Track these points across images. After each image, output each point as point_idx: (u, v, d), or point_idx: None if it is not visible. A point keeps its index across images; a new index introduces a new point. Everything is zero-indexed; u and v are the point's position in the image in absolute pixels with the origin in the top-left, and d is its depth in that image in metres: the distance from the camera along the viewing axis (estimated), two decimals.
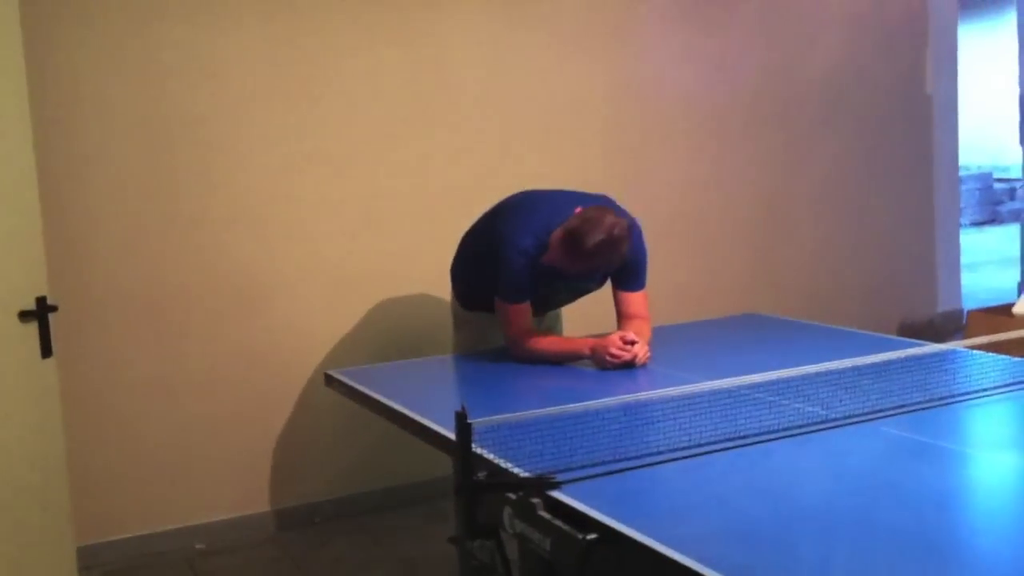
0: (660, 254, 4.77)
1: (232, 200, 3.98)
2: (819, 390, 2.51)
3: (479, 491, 1.95)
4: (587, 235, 2.87)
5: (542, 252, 3.02)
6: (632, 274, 3.18)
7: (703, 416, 2.33)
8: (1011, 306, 4.58)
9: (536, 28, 4.55)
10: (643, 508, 1.86)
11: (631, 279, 3.18)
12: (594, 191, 3.33)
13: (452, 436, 2.02)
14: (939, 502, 1.85)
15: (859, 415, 2.32)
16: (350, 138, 4.17)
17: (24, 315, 2.67)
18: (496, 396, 2.86)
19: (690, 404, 2.41)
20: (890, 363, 2.69)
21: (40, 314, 2.71)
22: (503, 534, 1.97)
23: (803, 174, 5.36)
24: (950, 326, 5.93)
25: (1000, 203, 13.61)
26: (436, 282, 3.93)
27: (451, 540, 3.39)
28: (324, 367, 3.82)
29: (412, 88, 4.28)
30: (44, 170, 2.91)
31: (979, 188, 13.44)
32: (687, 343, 3.40)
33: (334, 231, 4.16)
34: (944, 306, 6.01)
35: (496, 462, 2.08)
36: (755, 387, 2.52)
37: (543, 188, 3.36)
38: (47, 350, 2.75)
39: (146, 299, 3.86)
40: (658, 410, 2.41)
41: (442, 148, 4.36)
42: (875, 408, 2.36)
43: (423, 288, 4.26)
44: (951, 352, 2.97)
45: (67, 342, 3.49)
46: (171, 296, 3.90)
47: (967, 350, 2.94)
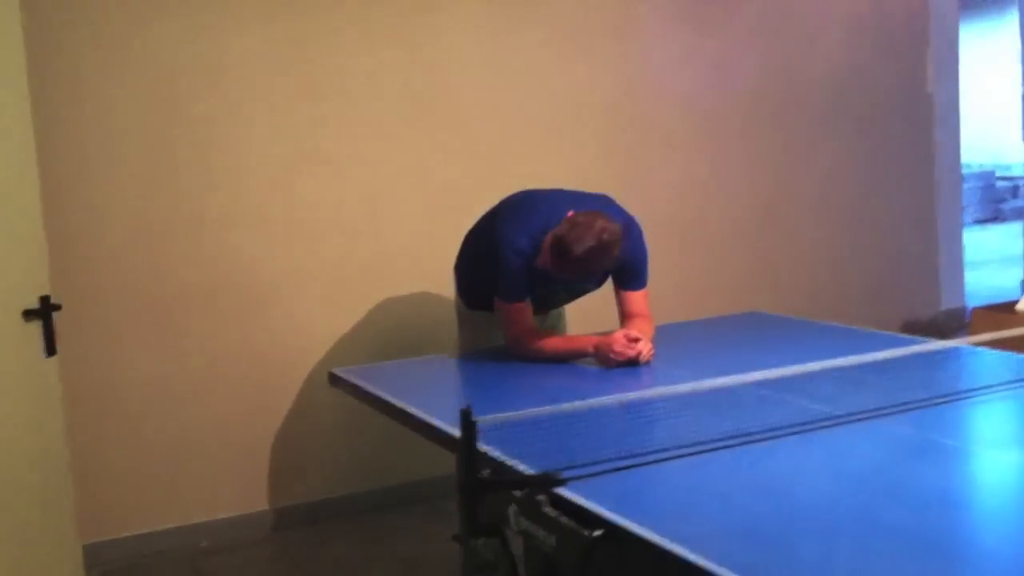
0: (663, 253, 4.79)
1: (234, 199, 3.98)
2: (822, 388, 2.51)
3: (483, 489, 1.95)
4: (575, 242, 2.85)
5: (538, 253, 3.01)
6: (633, 274, 3.17)
7: (706, 414, 2.33)
8: (1014, 304, 4.57)
9: (536, 29, 4.54)
10: (647, 505, 1.86)
11: (632, 278, 3.18)
12: (594, 191, 3.33)
13: (457, 434, 2.01)
14: (943, 500, 1.85)
15: (863, 413, 2.32)
16: (351, 138, 4.17)
17: (28, 314, 2.67)
18: (500, 394, 2.86)
19: (693, 402, 2.42)
20: (894, 360, 2.68)
21: (44, 313, 2.72)
22: (507, 531, 1.97)
23: (805, 173, 5.36)
24: (953, 324, 5.92)
25: (1003, 201, 13.59)
26: (438, 281, 3.93)
27: (454, 538, 3.39)
28: (326, 366, 3.82)
29: (413, 88, 4.28)
30: (47, 169, 2.91)
31: (981, 186, 13.41)
32: (690, 341, 3.40)
33: (336, 230, 4.17)
34: (947, 304, 6.01)
35: (501, 460, 2.09)
36: (758, 385, 2.52)
37: (544, 187, 3.36)
38: (51, 349, 2.75)
39: (148, 298, 3.87)
40: (662, 408, 2.41)
41: (443, 147, 4.36)
42: (879, 405, 2.36)
43: (424, 287, 4.26)
44: (955, 349, 2.97)
45: (70, 341, 3.49)
46: (173, 295, 3.90)
47: (971, 347, 2.94)
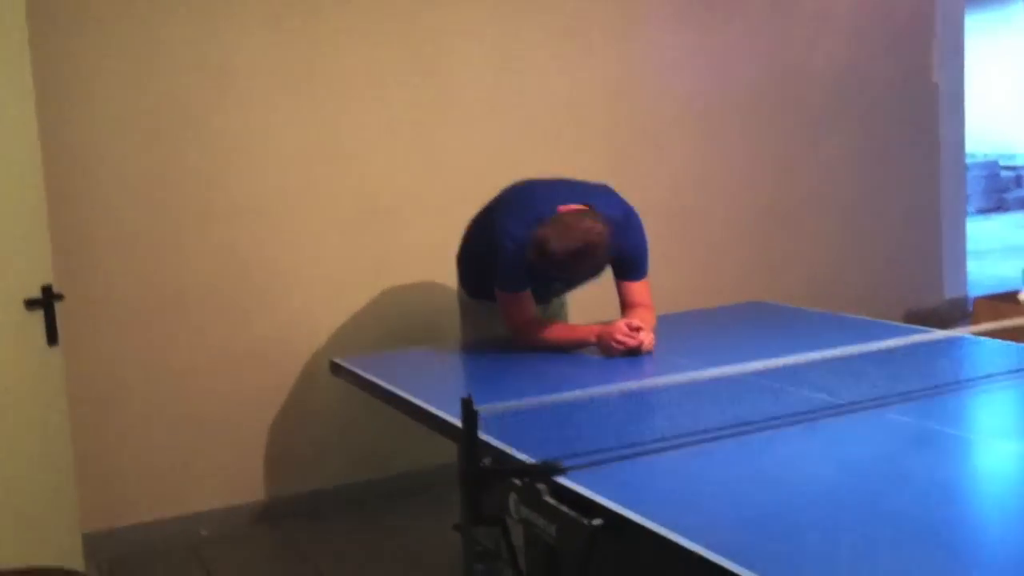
0: (665, 243, 4.79)
1: (237, 192, 3.97)
2: (824, 377, 2.50)
3: (485, 478, 1.95)
4: (557, 244, 2.83)
5: None
6: (633, 264, 3.16)
7: (708, 403, 2.33)
8: (1017, 293, 4.57)
9: (539, 26, 4.53)
10: (648, 495, 1.86)
11: (632, 269, 3.17)
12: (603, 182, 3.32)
13: (458, 423, 2.01)
14: (945, 489, 1.85)
15: (865, 402, 2.32)
16: (354, 133, 4.16)
17: (30, 303, 2.68)
18: (502, 383, 2.86)
19: (695, 391, 2.42)
20: (896, 350, 2.68)
21: (46, 302, 2.72)
22: (508, 520, 1.97)
23: (808, 163, 5.35)
24: (956, 313, 5.92)
25: (1006, 191, 13.56)
26: (440, 272, 3.93)
27: (456, 527, 3.42)
28: (328, 357, 3.79)
29: (415, 83, 4.27)
30: (50, 161, 2.91)
31: (985, 176, 13.37)
32: (692, 331, 3.39)
33: (338, 223, 4.16)
34: (950, 294, 6.00)
35: (502, 448, 2.09)
36: (760, 374, 2.52)
37: (541, 176, 3.35)
38: (52, 338, 2.76)
39: (151, 289, 3.86)
40: (663, 397, 2.41)
41: (445, 142, 4.35)
42: (881, 395, 2.36)
43: (427, 279, 4.26)
44: (957, 339, 2.97)
45: (72, 332, 3.48)
46: (176, 286, 3.90)
47: (973, 337, 2.94)
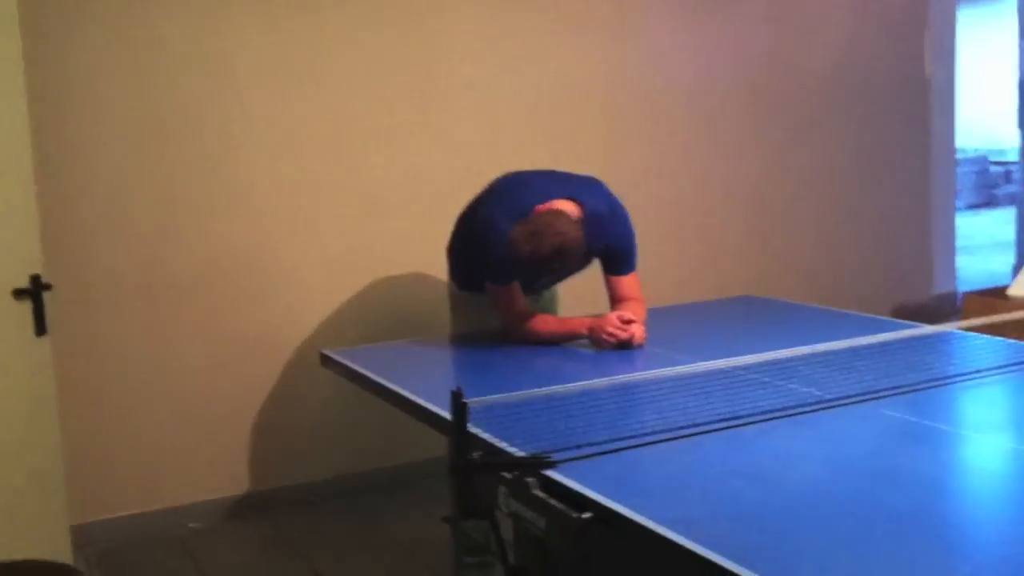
0: (659, 237, 4.81)
1: (227, 184, 3.96)
2: (815, 371, 2.51)
3: (474, 471, 1.95)
4: (526, 248, 2.83)
5: None
6: (620, 258, 3.16)
7: (699, 397, 2.33)
8: (1006, 288, 4.58)
9: (534, 13, 4.52)
10: (638, 488, 1.86)
11: (620, 263, 3.17)
12: (592, 174, 3.32)
13: (448, 416, 2.01)
14: (934, 483, 1.85)
15: (855, 396, 2.33)
16: (346, 124, 4.15)
17: (18, 293, 2.67)
18: (492, 376, 2.86)
19: (686, 385, 2.42)
20: (886, 344, 2.69)
21: (34, 292, 2.71)
22: (498, 514, 1.97)
23: (799, 157, 5.35)
24: (945, 309, 5.94)
25: (996, 186, 13.60)
26: (432, 264, 3.92)
27: (445, 519, 3.42)
28: (318, 349, 3.79)
29: (408, 73, 4.26)
30: (43, 154, 2.90)
31: (975, 171, 13.42)
32: (683, 324, 3.40)
33: (330, 215, 4.15)
34: (939, 289, 6.02)
35: (491, 442, 2.08)
36: (751, 368, 2.53)
37: (535, 169, 3.35)
38: (41, 328, 2.74)
39: (141, 281, 3.85)
40: (653, 391, 2.41)
41: (439, 132, 4.34)
42: (871, 389, 2.37)
43: (419, 271, 4.25)
44: (946, 334, 2.98)
45: (62, 323, 3.47)
46: (166, 278, 3.89)
47: (962, 332, 2.94)
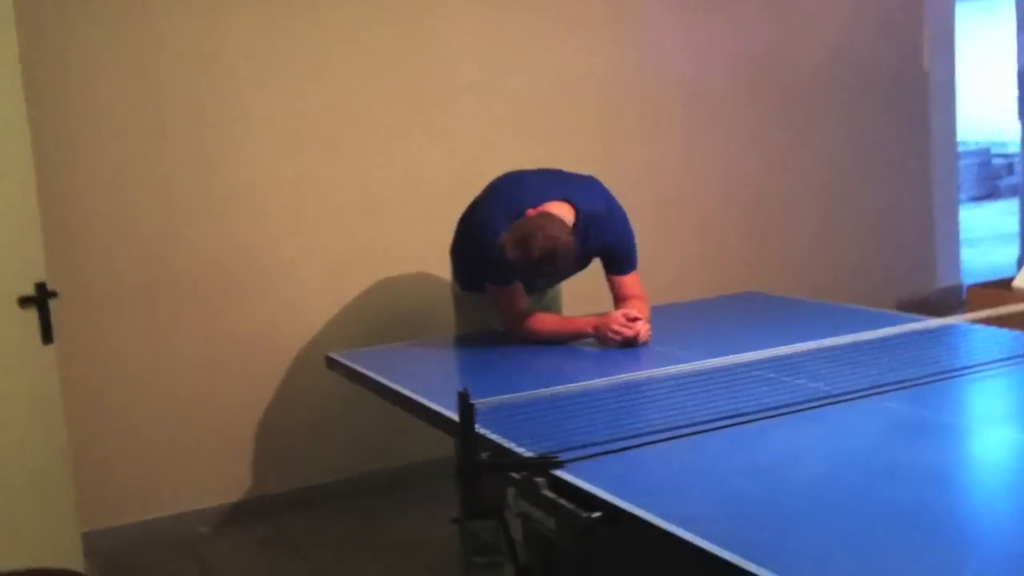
0: (660, 234, 4.81)
1: (229, 185, 3.96)
2: (819, 366, 2.51)
3: (482, 471, 1.95)
4: (515, 253, 2.82)
5: None
6: (620, 258, 3.17)
7: (703, 394, 2.34)
8: (1011, 280, 4.57)
9: (533, 11, 4.52)
10: (646, 486, 1.86)
11: (620, 262, 3.18)
12: (591, 173, 3.32)
13: (455, 417, 2.02)
14: (940, 477, 1.86)
15: (860, 391, 2.33)
16: (346, 122, 4.15)
17: (24, 301, 2.67)
18: (498, 377, 2.86)
19: (690, 382, 2.42)
20: (890, 338, 2.69)
21: (40, 300, 2.71)
22: (506, 514, 1.98)
23: (801, 152, 5.35)
24: (950, 302, 5.93)
25: (998, 178, 13.57)
26: (435, 264, 3.93)
27: (454, 521, 3.42)
28: (323, 350, 3.80)
29: (408, 71, 4.26)
30: (42, 156, 2.90)
31: (978, 163, 13.40)
32: (687, 321, 3.40)
33: (331, 215, 4.15)
34: (944, 282, 6.02)
35: (499, 442, 2.09)
36: (755, 364, 2.53)
37: (533, 168, 3.35)
38: (47, 336, 2.75)
39: (145, 285, 3.86)
40: (659, 389, 2.41)
41: (439, 130, 4.34)
42: (876, 384, 2.37)
43: (422, 270, 4.25)
44: (951, 327, 2.98)
45: (67, 329, 3.48)
46: (170, 281, 3.89)
47: (968, 324, 2.94)
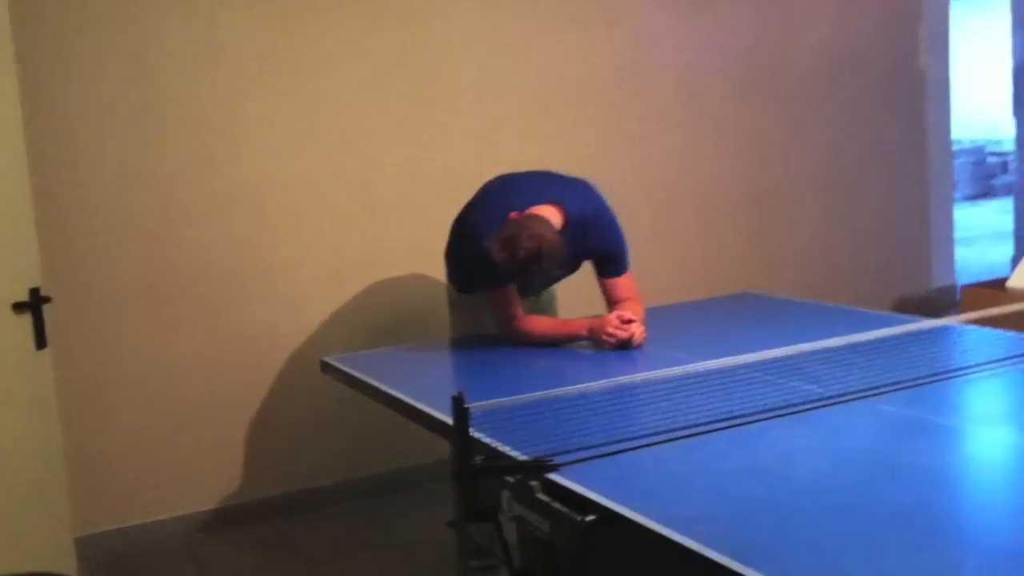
0: (655, 234, 4.82)
1: (225, 187, 3.96)
2: (815, 368, 2.52)
3: (477, 475, 1.95)
4: (504, 254, 2.83)
5: None
6: (611, 260, 3.17)
7: (699, 396, 2.34)
8: (1005, 280, 4.57)
9: (531, 8, 4.52)
10: (641, 489, 1.86)
11: (611, 266, 3.18)
12: (588, 173, 3.32)
13: (450, 421, 2.02)
14: (936, 478, 1.86)
15: (855, 392, 2.33)
16: (344, 121, 4.15)
17: (18, 307, 2.66)
18: (493, 380, 2.86)
19: (686, 384, 2.42)
20: (885, 340, 2.69)
21: (34, 305, 2.71)
22: (501, 517, 1.98)
23: (796, 151, 5.36)
24: (945, 301, 5.94)
25: (993, 177, 13.59)
26: (434, 264, 3.91)
27: (450, 524, 3.42)
28: (320, 353, 3.80)
29: (406, 71, 4.26)
30: (36, 160, 2.89)
31: (972, 162, 13.41)
32: (682, 323, 3.40)
33: (329, 216, 4.15)
34: (938, 282, 6.02)
35: (494, 446, 2.09)
36: (751, 366, 2.53)
37: (531, 169, 3.35)
38: (41, 342, 2.74)
39: (140, 288, 3.85)
40: (654, 391, 2.41)
41: (437, 130, 4.34)
42: (871, 385, 2.37)
43: (419, 272, 4.25)
44: (946, 328, 2.98)
45: (61, 333, 3.48)
46: (165, 284, 3.89)
47: (962, 325, 2.94)
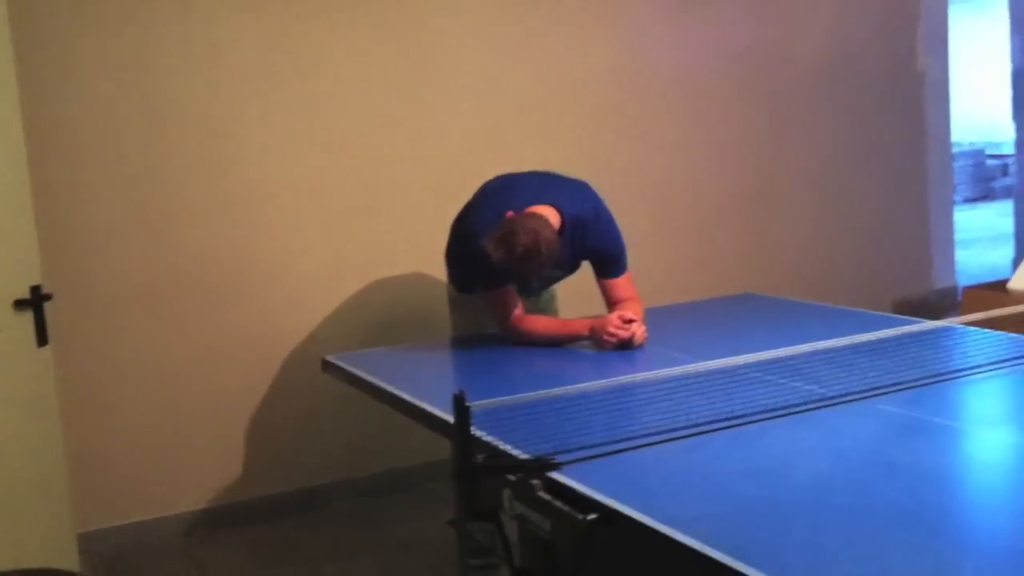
0: (655, 235, 4.82)
1: (225, 186, 3.97)
2: (815, 369, 2.52)
3: (478, 473, 1.96)
4: (500, 253, 2.83)
5: None
6: (609, 261, 3.17)
7: (700, 396, 2.34)
8: (1005, 282, 4.58)
9: (529, 10, 4.52)
10: (642, 488, 1.86)
11: (610, 266, 3.18)
12: (587, 173, 3.33)
13: (451, 419, 2.02)
14: (936, 479, 1.86)
15: (855, 393, 2.33)
16: (343, 122, 4.16)
17: (19, 304, 2.67)
18: (493, 379, 2.86)
19: (687, 384, 2.43)
20: (886, 341, 2.69)
21: (35, 303, 2.71)
22: (503, 516, 1.98)
23: (795, 153, 5.36)
24: (945, 303, 5.94)
25: (993, 179, 13.59)
26: (431, 265, 3.93)
27: (450, 523, 3.42)
28: (320, 352, 3.80)
29: (405, 72, 4.26)
30: (37, 159, 2.90)
31: (972, 164, 13.41)
32: (683, 323, 3.40)
33: (328, 216, 4.16)
34: (938, 283, 6.02)
35: (495, 444, 2.09)
36: (751, 367, 2.53)
37: (529, 170, 3.35)
38: (42, 339, 2.75)
39: (141, 286, 3.86)
40: (655, 390, 2.42)
41: (436, 131, 4.34)
42: (871, 386, 2.37)
43: (419, 271, 4.26)
44: (946, 329, 2.98)
45: (62, 330, 3.48)
46: (165, 282, 3.89)
47: (962, 327, 2.94)
